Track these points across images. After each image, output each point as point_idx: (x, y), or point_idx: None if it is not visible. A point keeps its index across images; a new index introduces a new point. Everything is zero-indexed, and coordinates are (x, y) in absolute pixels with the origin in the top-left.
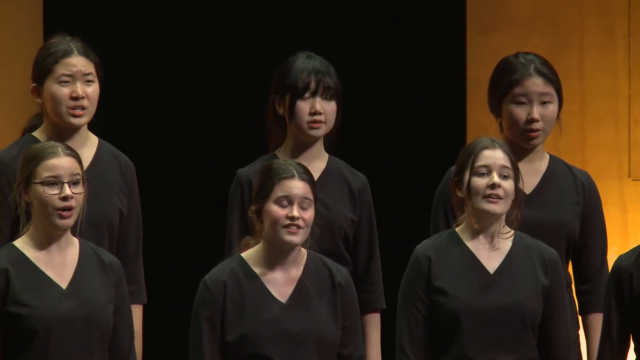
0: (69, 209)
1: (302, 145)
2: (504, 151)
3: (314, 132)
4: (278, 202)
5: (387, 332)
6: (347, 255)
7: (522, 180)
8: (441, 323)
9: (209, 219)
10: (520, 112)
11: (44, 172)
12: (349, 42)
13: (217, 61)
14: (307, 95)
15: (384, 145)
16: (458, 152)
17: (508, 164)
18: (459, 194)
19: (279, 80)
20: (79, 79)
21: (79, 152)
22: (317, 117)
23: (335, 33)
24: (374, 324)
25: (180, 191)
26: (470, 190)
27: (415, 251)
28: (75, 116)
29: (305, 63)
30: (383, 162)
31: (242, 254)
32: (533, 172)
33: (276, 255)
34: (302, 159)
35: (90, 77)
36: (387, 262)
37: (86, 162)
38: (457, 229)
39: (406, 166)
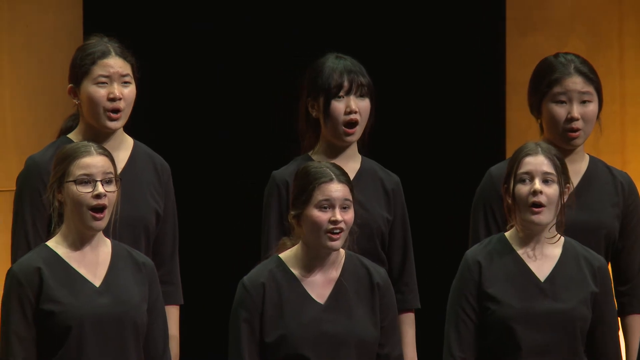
0: (102, 207)
1: (336, 147)
2: (547, 156)
3: (349, 138)
4: (319, 206)
5: (421, 331)
6: (383, 255)
7: (572, 183)
8: (491, 330)
9: (245, 220)
10: (560, 111)
11: (77, 171)
12: (388, 44)
13: (251, 63)
14: (341, 94)
15: (423, 146)
16: (497, 154)
17: (551, 169)
18: (508, 199)
19: (310, 82)
20: (116, 80)
21: (114, 154)
22: (352, 116)
23: (374, 35)
24: (408, 324)
25: (216, 192)
26: (515, 199)
27: (465, 256)
28: (111, 119)
29: (336, 63)
30: (422, 163)
31: (280, 255)
32: (573, 173)
33: (315, 257)
34: (337, 161)
35: (127, 79)
36: (422, 262)
37: (122, 164)
38: (506, 234)
39: (445, 167)
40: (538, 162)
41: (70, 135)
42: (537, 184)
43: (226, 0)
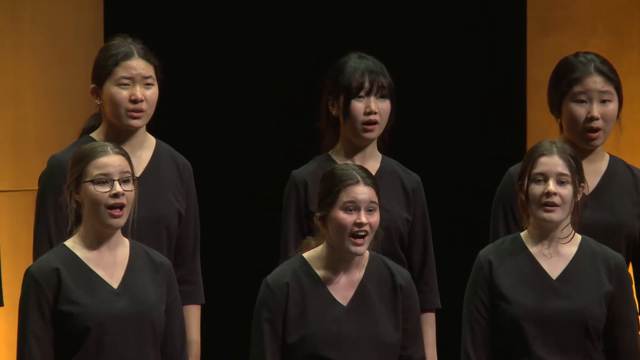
0: (120, 206)
1: (356, 146)
2: (562, 156)
3: (368, 135)
4: (345, 208)
5: (442, 331)
6: (402, 255)
7: (586, 183)
8: (503, 328)
9: (265, 219)
10: (580, 111)
11: (94, 171)
12: (409, 43)
13: (271, 62)
14: (361, 94)
15: (444, 146)
16: (518, 153)
17: (565, 170)
18: (522, 197)
19: (332, 81)
20: (138, 82)
21: (136, 153)
22: (372, 117)
23: (395, 34)
24: (429, 324)
25: (236, 192)
26: (529, 198)
27: (478, 256)
28: (133, 117)
29: (358, 63)
30: (442, 163)
31: (304, 255)
32: (593, 172)
33: (339, 260)
34: (357, 160)
35: (149, 80)
36: (442, 262)
37: (144, 164)
38: (521, 234)
39: (466, 167)
40: (553, 162)
41: (93, 135)
42: (551, 185)
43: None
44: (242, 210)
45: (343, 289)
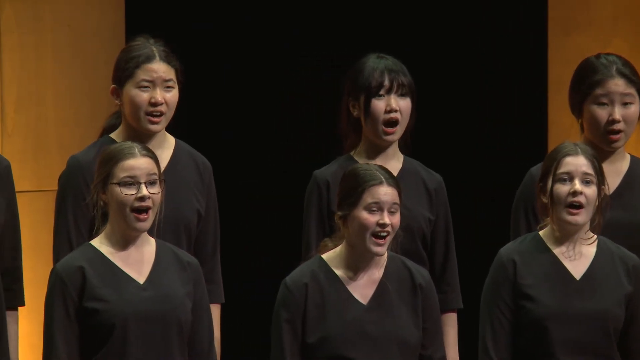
0: (146, 209)
1: (378, 146)
2: (587, 157)
3: (389, 138)
4: (368, 208)
5: (464, 332)
6: (424, 255)
7: (608, 185)
8: (526, 328)
9: (286, 220)
10: (602, 113)
11: (120, 173)
12: (429, 43)
13: (292, 63)
14: (381, 93)
15: (465, 146)
16: (539, 154)
17: (590, 170)
18: (544, 199)
19: (352, 81)
20: (159, 85)
21: (156, 153)
22: (393, 115)
23: (416, 34)
24: (451, 324)
25: (257, 192)
26: (553, 198)
27: (499, 254)
28: (152, 122)
29: (377, 63)
30: (464, 163)
31: (323, 256)
32: (614, 172)
33: (358, 259)
34: (378, 160)
35: (170, 83)
36: (464, 263)
37: (164, 163)
38: (541, 233)
39: (487, 167)
40: (579, 162)
41: (113, 135)
42: (578, 185)
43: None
44: (263, 210)
45: (363, 288)
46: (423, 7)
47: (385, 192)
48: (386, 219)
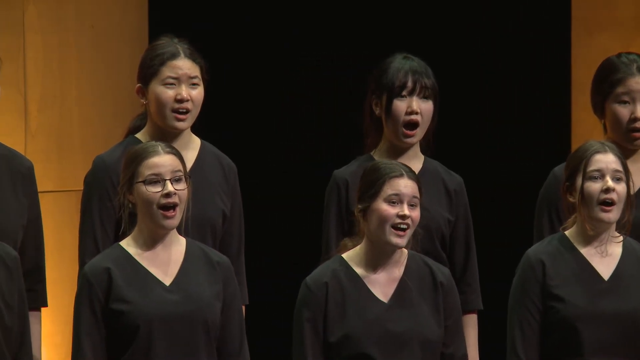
0: (173, 206)
1: (398, 146)
2: (615, 154)
3: (409, 140)
4: (388, 200)
5: (484, 332)
6: (444, 256)
7: (633, 183)
8: (555, 329)
9: (307, 219)
10: (624, 112)
11: (145, 171)
12: (453, 44)
13: (315, 62)
14: (404, 94)
15: (488, 146)
16: (563, 154)
17: (620, 167)
18: (571, 199)
19: (376, 80)
20: (184, 82)
21: (182, 153)
22: (413, 117)
23: (439, 34)
24: (471, 325)
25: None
26: (584, 196)
27: (527, 255)
28: (178, 120)
29: (402, 63)
30: (486, 164)
31: (343, 255)
32: (637, 171)
33: (378, 256)
34: (399, 160)
35: (195, 81)
36: (485, 263)
37: (189, 164)
38: (567, 233)
39: (510, 167)
40: (608, 159)
41: (138, 135)
42: (610, 182)
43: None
44: (284, 210)
45: (383, 286)
46: (441, 6)
47: (406, 185)
48: (406, 211)
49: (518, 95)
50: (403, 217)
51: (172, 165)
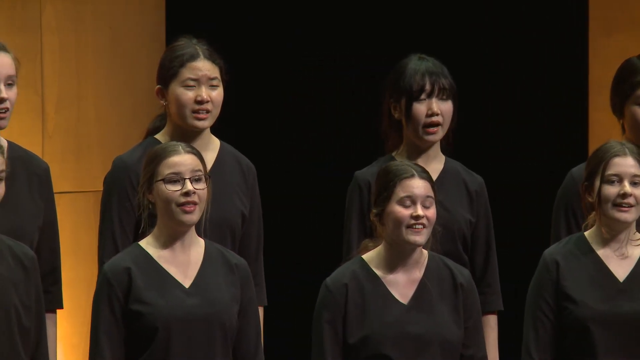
0: (192, 204)
1: (419, 147)
2: (635, 157)
3: (431, 138)
4: (401, 202)
5: (504, 333)
6: (465, 257)
7: None
8: (569, 330)
9: (328, 221)
10: None
11: (165, 170)
12: (469, 43)
13: (334, 64)
14: (422, 97)
15: (505, 147)
16: (580, 154)
17: (639, 171)
18: (589, 199)
19: (393, 84)
20: (204, 83)
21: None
22: (434, 119)
23: (456, 34)
24: (491, 326)
25: (299, 193)
26: (601, 198)
27: (543, 256)
28: (198, 119)
29: (418, 65)
30: (505, 164)
31: (363, 256)
32: None
33: (398, 257)
34: (420, 161)
35: (215, 82)
36: (505, 264)
37: (208, 165)
38: (586, 234)
39: (528, 168)
40: (627, 163)
41: (158, 136)
42: (627, 187)
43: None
44: (305, 212)
45: (403, 288)
46: (457, 5)
47: (418, 185)
48: (419, 211)
49: (535, 95)
50: (417, 217)
51: (192, 164)
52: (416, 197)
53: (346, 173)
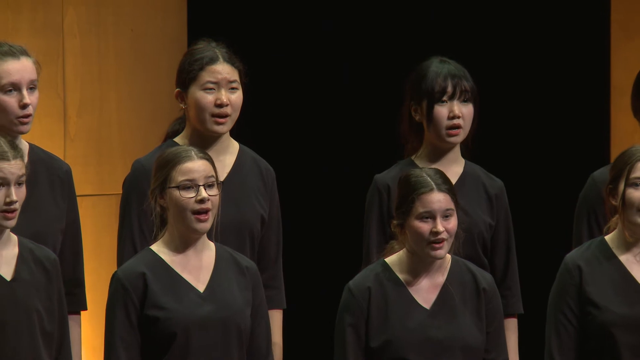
0: (206, 211)
1: (439, 150)
2: None
3: (453, 139)
4: (420, 218)
5: (525, 337)
6: (485, 260)
7: None
8: (592, 335)
9: (347, 224)
10: None
11: (179, 177)
12: (491, 47)
13: (354, 66)
14: (444, 99)
15: (527, 150)
16: (602, 158)
17: None
18: (613, 202)
19: (414, 86)
20: (223, 87)
21: (220, 158)
22: (455, 121)
23: (476, 38)
24: (511, 329)
25: (318, 197)
26: (625, 202)
27: (565, 260)
28: (218, 124)
29: (439, 67)
30: (526, 168)
31: (386, 260)
32: None
33: (420, 263)
34: (440, 165)
35: (234, 85)
36: (525, 267)
37: (227, 168)
38: (606, 238)
39: (549, 172)
40: None
41: (177, 139)
42: None
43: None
44: (325, 215)
45: (425, 292)
46: (486, 9)
47: (438, 200)
48: (439, 227)
49: (557, 98)
50: (436, 233)
51: (205, 170)
52: (435, 212)
53: (366, 176)
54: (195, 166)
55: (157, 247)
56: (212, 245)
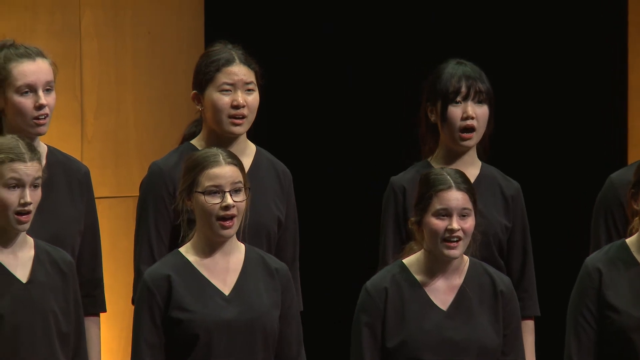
0: (231, 217)
1: (455, 152)
2: None
3: (466, 143)
4: (437, 214)
5: (542, 339)
6: (501, 262)
7: None
8: (611, 339)
9: (363, 226)
10: None
11: (205, 182)
12: (508, 49)
13: (371, 68)
14: (458, 99)
15: (544, 152)
16: (619, 160)
17: None
18: (635, 206)
19: (430, 87)
20: (240, 88)
21: None
22: (469, 122)
23: (494, 40)
24: (528, 331)
25: (334, 198)
26: None
27: (585, 263)
28: (235, 125)
29: (455, 69)
30: (543, 170)
31: (404, 260)
32: None
33: (437, 264)
34: (455, 166)
35: (251, 86)
36: (542, 270)
37: None
38: (627, 241)
39: (566, 174)
40: None
41: (194, 142)
42: None
43: (353, 2)
44: (341, 217)
45: (442, 294)
46: (501, 9)
47: (455, 198)
48: (454, 225)
49: (574, 100)
50: (452, 231)
51: (232, 176)
52: (452, 210)
53: (382, 178)
54: (222, 172)
55: (185, 250)
56: (241, 247)
